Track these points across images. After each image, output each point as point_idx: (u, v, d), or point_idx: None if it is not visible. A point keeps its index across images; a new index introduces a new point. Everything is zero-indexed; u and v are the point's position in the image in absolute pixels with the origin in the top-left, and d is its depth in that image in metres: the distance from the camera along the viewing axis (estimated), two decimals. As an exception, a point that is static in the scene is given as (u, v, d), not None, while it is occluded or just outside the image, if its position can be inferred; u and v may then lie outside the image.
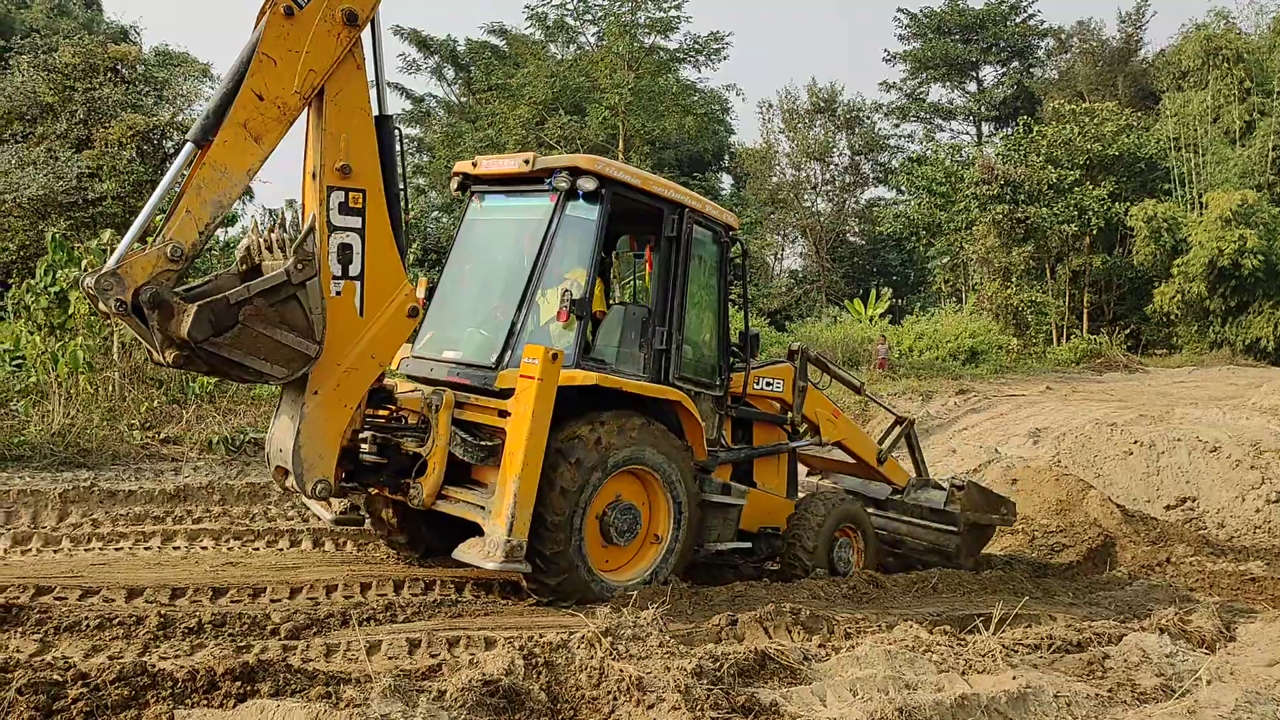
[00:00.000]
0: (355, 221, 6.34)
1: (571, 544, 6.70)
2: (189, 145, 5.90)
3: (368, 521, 7.93)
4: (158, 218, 5.94)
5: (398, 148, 6.70)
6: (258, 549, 8.37)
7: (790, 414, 9.29)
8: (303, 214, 6.40)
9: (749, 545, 8.65)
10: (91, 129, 23.97)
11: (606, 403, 7.09)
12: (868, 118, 53.62)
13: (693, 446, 7.72)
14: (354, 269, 6.35)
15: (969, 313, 37.36)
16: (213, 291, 5.85)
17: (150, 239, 5.89)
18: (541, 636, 5.30)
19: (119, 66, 25.95)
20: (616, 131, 35.98)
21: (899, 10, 55.54)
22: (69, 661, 4.65)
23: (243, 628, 5.78)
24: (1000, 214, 38.03)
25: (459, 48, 47.07)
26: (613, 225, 8.04)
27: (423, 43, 46.30)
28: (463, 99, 47.46)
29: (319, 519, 8.22)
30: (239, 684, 4.19)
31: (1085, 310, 42.69)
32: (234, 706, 4.01)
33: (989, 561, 10.66)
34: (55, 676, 4.08)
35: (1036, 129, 42.01)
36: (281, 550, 8.36)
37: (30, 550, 7.85)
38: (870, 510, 10.26)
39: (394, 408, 7.01)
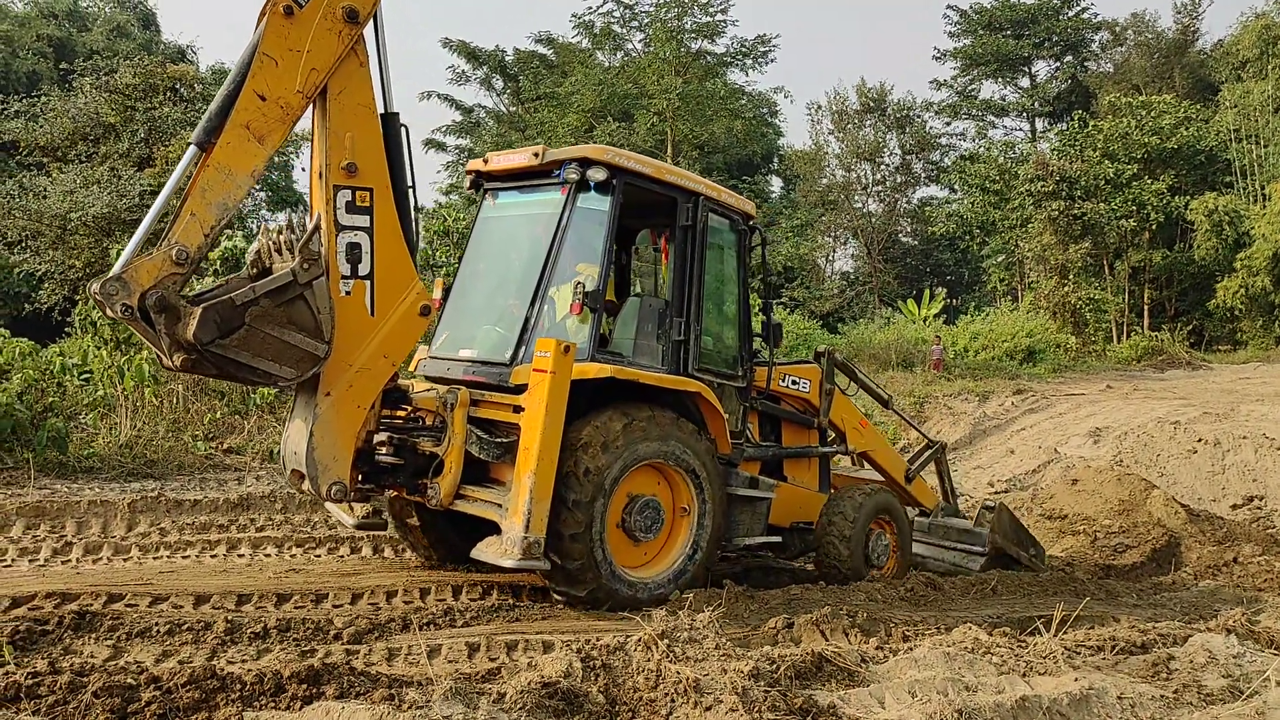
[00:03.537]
0: (363, 220, 6.29)
1: (594, 553, 6.60)
2: (192, 148, 5.85)
3: (391, 526, 7.92)
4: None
5: (405, 145, 6.61)
6: (319, 556, 8.52)
7: (816, 418, 9.09)
8: (310, 214, 6.36)
9: (779, 540, 8.47)
10: (152, 147, 24.55)
11: (624, 396, 6.99)
12: (918, 116, 53.18)
13: (716, 438, 7.57)
14: (363, 268, 6.30)
15: (1025, 311, 36.82)
16: (222, 295, 5.81)
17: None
18: (598, 639, 5.33)
19: (178, 86, 26.57)
20: (665, 137, 36.07)
21: (949, 7, 55.11)
22: (141, 666, 4.78)
23: (307, 632, 5.88)
24: (1056, 210, 37.48)
25: (507, 58, 47.55)
26: (627, 217, 7.89)
27: (471, 54, 46.82)
28: (512, 109, 47.91)
29: (342, 525, 8.12)
30: (305, 687, 4.27)
31: (1145, 307, 41.92)
32: (300, 709, 4.09)
33: (1049, 564, 10.52)
34: (129, 680, 4.19)
35: (1092, 123, 41.37)
36: (343, 557, 8.50)
37: (101, 559, 8.06)
38: None
39: (410, 408, 6.93)
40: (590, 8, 40.64)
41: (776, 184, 55.85)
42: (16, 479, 10.52)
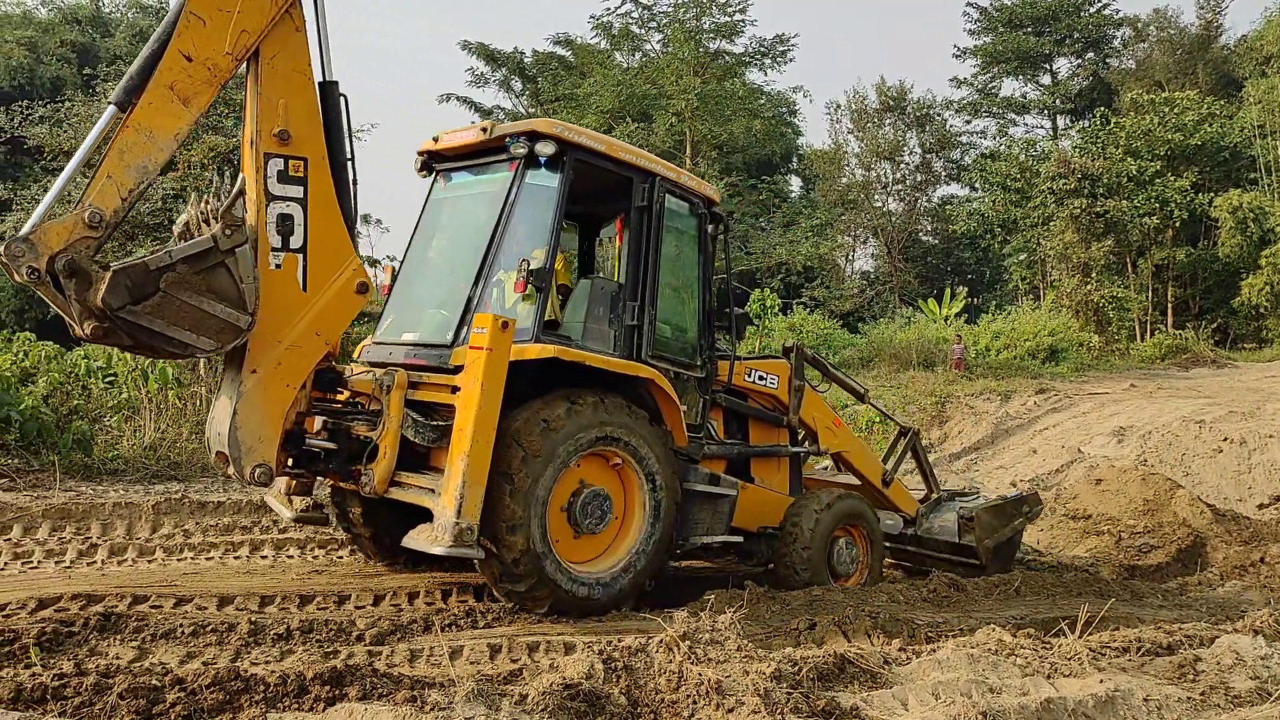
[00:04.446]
0: (296, 191, 6.02)
1: (534, 545, 6.26)
2: (110, 108, 5.58)
3: (333, 520, 7.76)
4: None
5: (344, 115, 6.36)
6: (341, 557, 8.55)
7: (786, 416, 8.74)
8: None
9: (740, 540, 8.05)
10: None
11: (572, 382, 6.69)
12: (938, 115, 52.90)
13: (671, 430, 7.24)
14: (295, 241, 6.01)
15: (1047, 310, 36.55)
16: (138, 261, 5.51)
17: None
18: (620, 641, 5.34)
19: (199, 90, 26.62)
20: (684, 137, 36.04)
21: (968, 4, 54.78)
22: (166, 667, 4.81)
23: (329, 634, 5.91)
24: (1078, 208, 37.21)
25: (526, 60, 47.63)
26: (587, 202, 7.64)
27: (490, 56, 46.90)
28: (531, 110, 47.93)
29: (280, 517, 7.77)
30: (328, 688, 4.28)
31: (1169, 305, 41.58)
32: (324, 710, 4.10)
33: (1073, 564, 10.45)
34: (154, 682, 4.22)
35: (1114, 120, 41.06)
36: (365, 558, 8.52)
37: (126, 560, 8.12)
38: (886, 544, 9.58)
39: (351, 392, 6.66)
40: (609, 9, 40.66)
41: (796, 184, 55.67)
42: (42, 481, 10.62)
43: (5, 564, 7.75)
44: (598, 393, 6.73)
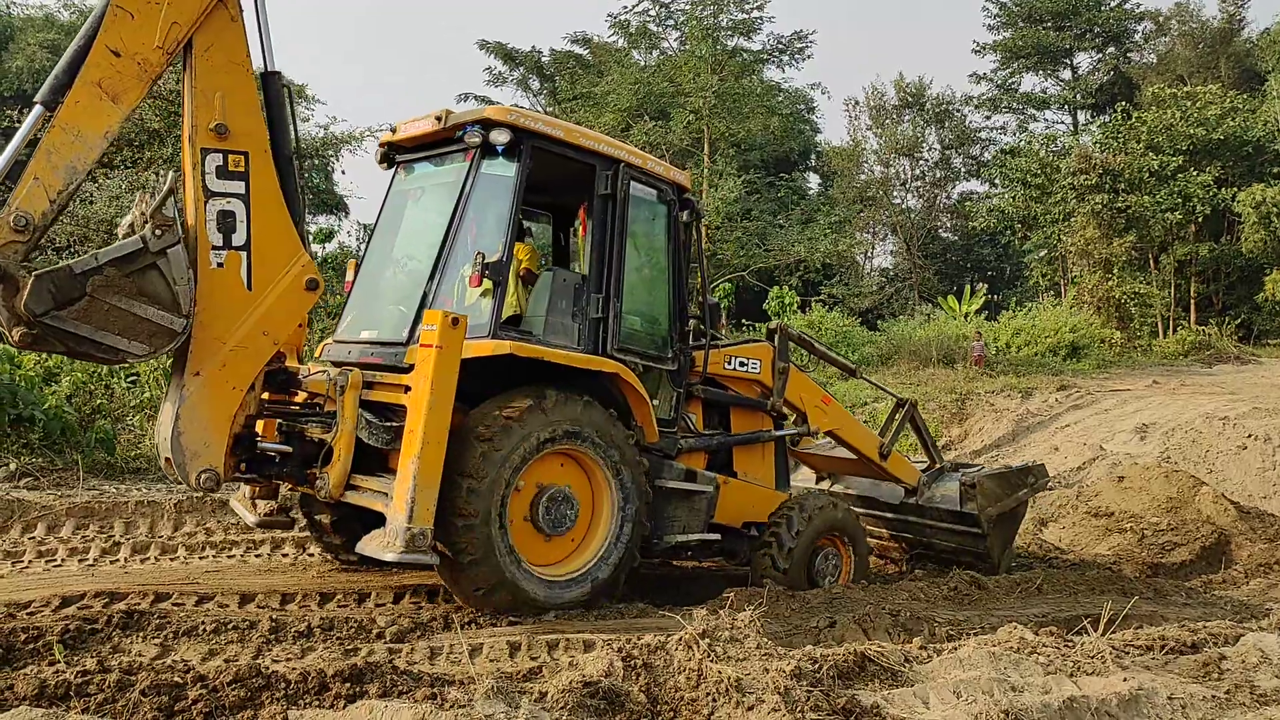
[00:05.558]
0: (237, 186, 5.82)
1: (494, 548, 6.11)
2: (37, 108, 5.42)
3: (298, 525, 7.66)
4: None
5: (289, 108, 6.21)
6: (362, 555, 8.57)
7: (771, 399, 8.51)
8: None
9: (718, 537, 7.81)
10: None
11: (535, 379, 6.50)
12: (958, 111, 52.67)
13: (642, 426, 7.05)
14: (238, 238, 5.82)
15: (1069, 307, 36.36)
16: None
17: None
18: (639, 638, 5.32)
19: (219, 91, 26.75)
20: (701, 135, 36.01)
21: (987, -1, 54.46)
22: (188, 664, 4.83)
23: (350, 631, 5.93)
24: (1099, 204, 36.95)
25: (544, 59, 47.71)
26: (552, 191, 7.49)
27: (508, 55, 47.00)
28: (549, 109, 48.02)
29: (243, 522, 7.65)
30: (348, 685, 4.30)
31: (1192, 301, 41.23)
32: (344, 707, 4.12)
33: (1096, 562, 10.38)
34: (176, 679, 4.24)
35: (1136, 115, 40.74)
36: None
37: (149, 558, 8.17)
38: (886, 515, 9.55)
39: (306, 393, 6.47)
40: (626, 7, 40.78)
41: (814, 180, 55.57)
42: (66, 480, 10.69)
43: (29, 562, 7.82)
44: (562, 390, 6.52)
